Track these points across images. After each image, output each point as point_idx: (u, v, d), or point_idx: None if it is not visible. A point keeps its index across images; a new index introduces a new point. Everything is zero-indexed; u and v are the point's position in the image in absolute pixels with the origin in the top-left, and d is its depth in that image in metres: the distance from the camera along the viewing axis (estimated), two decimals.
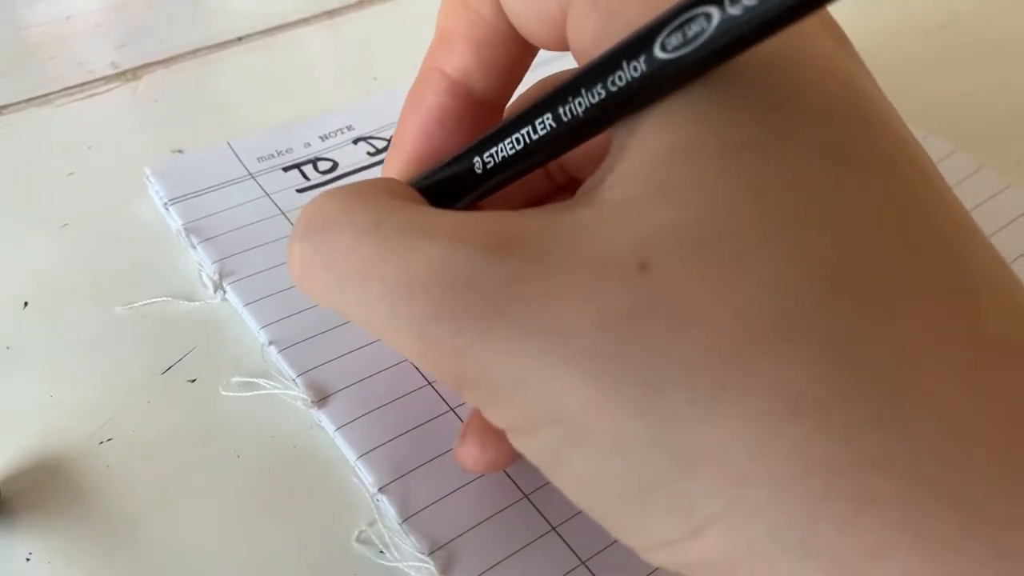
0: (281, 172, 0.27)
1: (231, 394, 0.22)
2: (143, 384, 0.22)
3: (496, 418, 0.14)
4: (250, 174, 0.27)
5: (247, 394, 0.22)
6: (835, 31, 0.15)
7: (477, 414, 0.19)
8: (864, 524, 0.11)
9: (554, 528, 0.19)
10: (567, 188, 0.21)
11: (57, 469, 0.20)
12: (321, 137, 0.28)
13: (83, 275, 0.24)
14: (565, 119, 0.14)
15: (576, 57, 0.15)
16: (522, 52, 0.17)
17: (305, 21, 0.35)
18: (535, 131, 0.14)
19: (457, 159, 0.16)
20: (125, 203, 0.27)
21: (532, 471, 0.20)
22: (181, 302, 0.24)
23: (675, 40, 0.12)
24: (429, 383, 0.22)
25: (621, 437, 0.12)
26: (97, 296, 0.24)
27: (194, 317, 0.23)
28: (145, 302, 0.24)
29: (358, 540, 0.19)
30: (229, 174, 0.27)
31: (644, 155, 0.13)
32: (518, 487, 0.20)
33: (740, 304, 0.12)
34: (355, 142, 0.28)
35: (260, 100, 0.31)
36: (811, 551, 0.11)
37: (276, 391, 0.21)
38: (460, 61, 0.17)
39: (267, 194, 0.26)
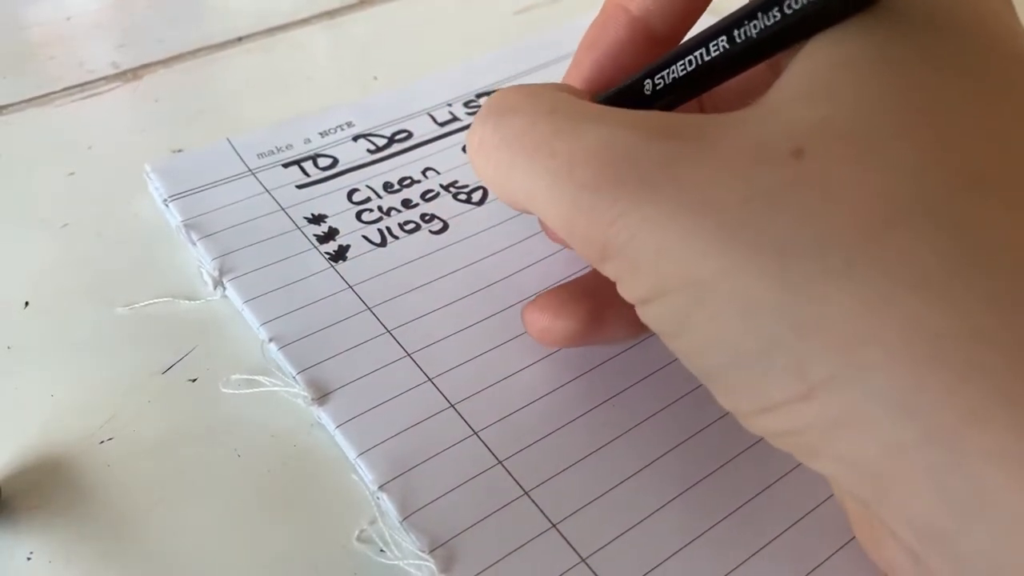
0: (281, 168, 0.27)
1: (231, 392, 0.22)
2: (144, 383, 0.22)
3: (631, 288, 0.15)
4: (250, 170, 0.27)
5: (247, 392, 0.22)
6: None
7: (556, 290, 0.21)
8: (967, 390, 0.12)
9: (554, 525, 0.19)
10: None
11: (58, 468, 0.20)
12: (321, 133, 0.28)
13: (83, 275, 0.24)
14: (739, 41, 0.15)
15: None
16: None
17: (305, 21, 0.35)
18: (708, 52, 0.16)
19: (628, 85, 0.18)
20: (125, 203, 0.27)
21: (533, 467, 0.20)
22: (182, 301, 0.24)
23: None
24: (429, 380, 0.21)
25: (749, 300, 0.13)
26: (97, 296, 0.24)
27: (195, 316, 0.23)
28: (146, 302, 0.24)
29: (359, 539, 0.19)
30: (229, 170, 0.26)
31: (805, 65, 0.14)
32: (519, 484, 0.20)
33: (879, 188, 0.13)
34: (355, 139, 0.28)
35: (260, 100, 0.31)
36: (912, 412, 0.12)
37: (276, 388, 0.21)
38: (642, 0, 0.19)
39: (267, 190, 0.26)
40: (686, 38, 0.20)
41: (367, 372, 0.21)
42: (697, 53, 0.16)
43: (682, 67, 0.16)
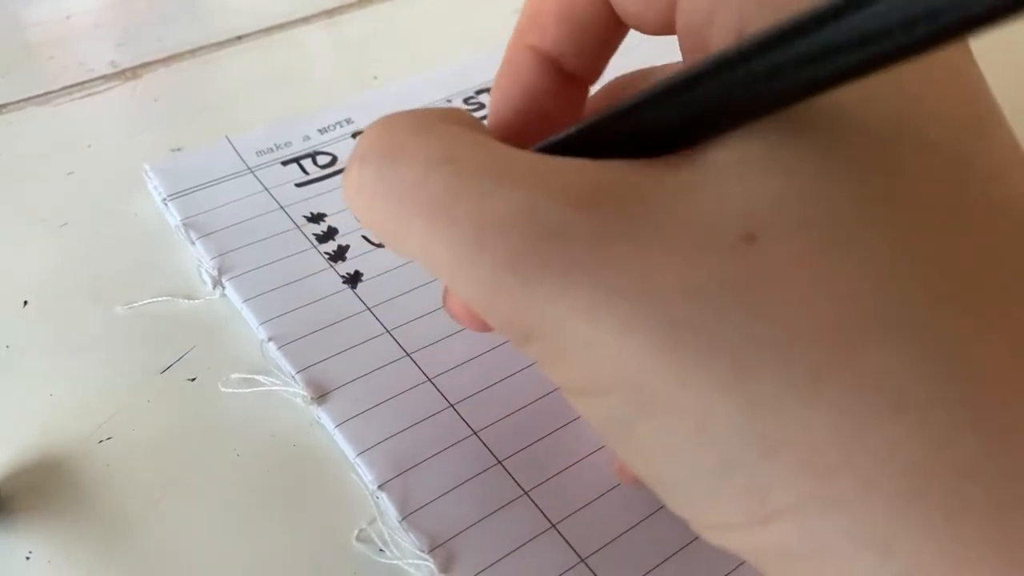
0: (280, 166, 0.27)
1: (231, 391, 0.22)
2: (143, 383, 0.22)
3: (559, 376, 0.13)
4: (249, 168, 0.27)
5: (247, 391, 0.22)
6: None
7: None
8: (952, 532, 0.11)
9: (554, 525, 0.19)
10: None
11: (57, 468, 0.20)
12: (320, 130, 0.28)
13: (83, 274, 0.24)
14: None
15: (682, 39, 0.15)
16: (615, 32, 0.17)
17: (304, 20, 0.35)
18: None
19: (584, 128, 0.14)
20: (125, 202, 0.26)
21: (533, 467, 0.20)
22: (181, 300, 0.24)
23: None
24: (429, 380, 0.21)
25: (702, 414, 0.11)
26: (97, 295, 0.24)
27: (194, 315, 0.23)
28: (145, 301, 0.24)
29: (358, 539, 0.19)
30: (228, 168, 0.26)
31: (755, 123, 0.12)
32: (518, 484, 0.20)
33: (848, 289, 0.11)
34: (354, 136, 0.28)
35: (260, 99, 0.31)
36: (892, 553, 0.11)
37: (275, 388, 0.21)
38: (554, 40, 0.17)
39: (266, 188, 0.26)
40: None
41: (366, 372, 0.21)
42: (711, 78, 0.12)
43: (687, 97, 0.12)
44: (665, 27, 0.15)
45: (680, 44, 0.15)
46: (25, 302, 0.24)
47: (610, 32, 0.17)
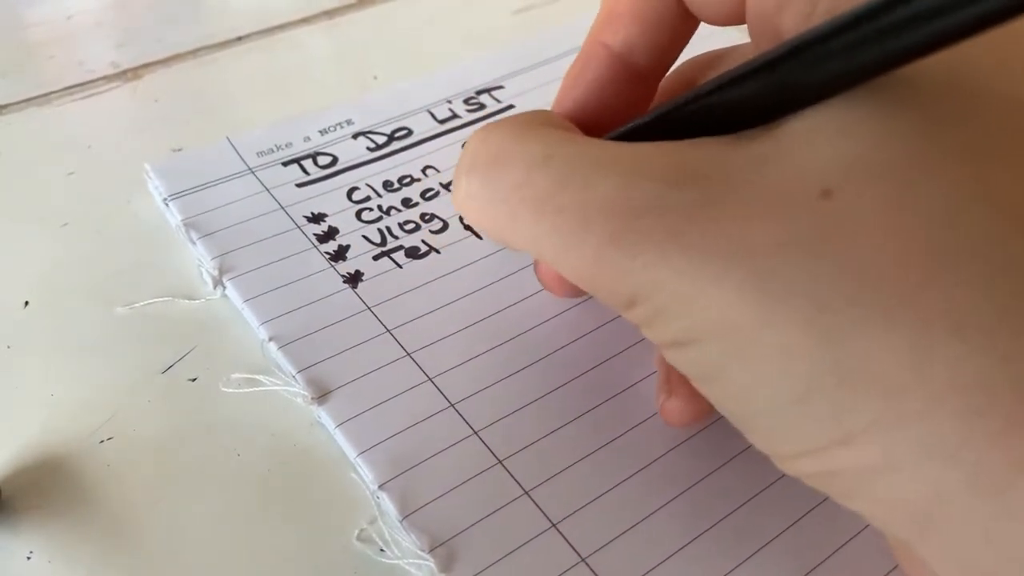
0: (281, 167, 0.27)
1: (231, 391, 0.22)
2: (143, 383, 0.22)
3: (658, 333, 0.15)
4: (249, 169, 0.27)
5: (247, 391, 0.22)
6: None
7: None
8: (1015, 440, 0.11)
9: (554, 525, 0.19)
10: None
11: (58, 468, 0.20)
12: (321, 131, 0.28)
13: (83, 274, 0.24)
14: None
15: (752, 27, 0.15)
16: (686, 27, 0.18)
17: (305, 21, 0.35)
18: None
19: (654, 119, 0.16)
20: (125, 202, 0.27)
21: (533, 467, 0.20)
22: (182, 300, 0.24)
23: None
24: (429, 379, 0.21)
25: (785, 349, 0.13)
26: (97, 295, 0.24)
27: (194, 315, 0.23)
28: (146, 301, 0.24)
29: (359, 538, 0.19)
30: (229, 169, 0.26)
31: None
32: (519, 484, 0.20)
33: (915, 229, 0.12)
34: (355, 137, 0.28)
35: (260, 100, 0.31)
36: (957, 461, 0.12)
37: (276, 388, 0.21)
38: (625, 36, 0.18)
39: (267, 189, 0.26)
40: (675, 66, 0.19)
41: (367, 371, 0.21)
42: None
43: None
44: (734, 16, 0.16)
45: (750, 31, 0.16)
46: (26, 302, 0.24)
47: (680, 27, 0.18)
